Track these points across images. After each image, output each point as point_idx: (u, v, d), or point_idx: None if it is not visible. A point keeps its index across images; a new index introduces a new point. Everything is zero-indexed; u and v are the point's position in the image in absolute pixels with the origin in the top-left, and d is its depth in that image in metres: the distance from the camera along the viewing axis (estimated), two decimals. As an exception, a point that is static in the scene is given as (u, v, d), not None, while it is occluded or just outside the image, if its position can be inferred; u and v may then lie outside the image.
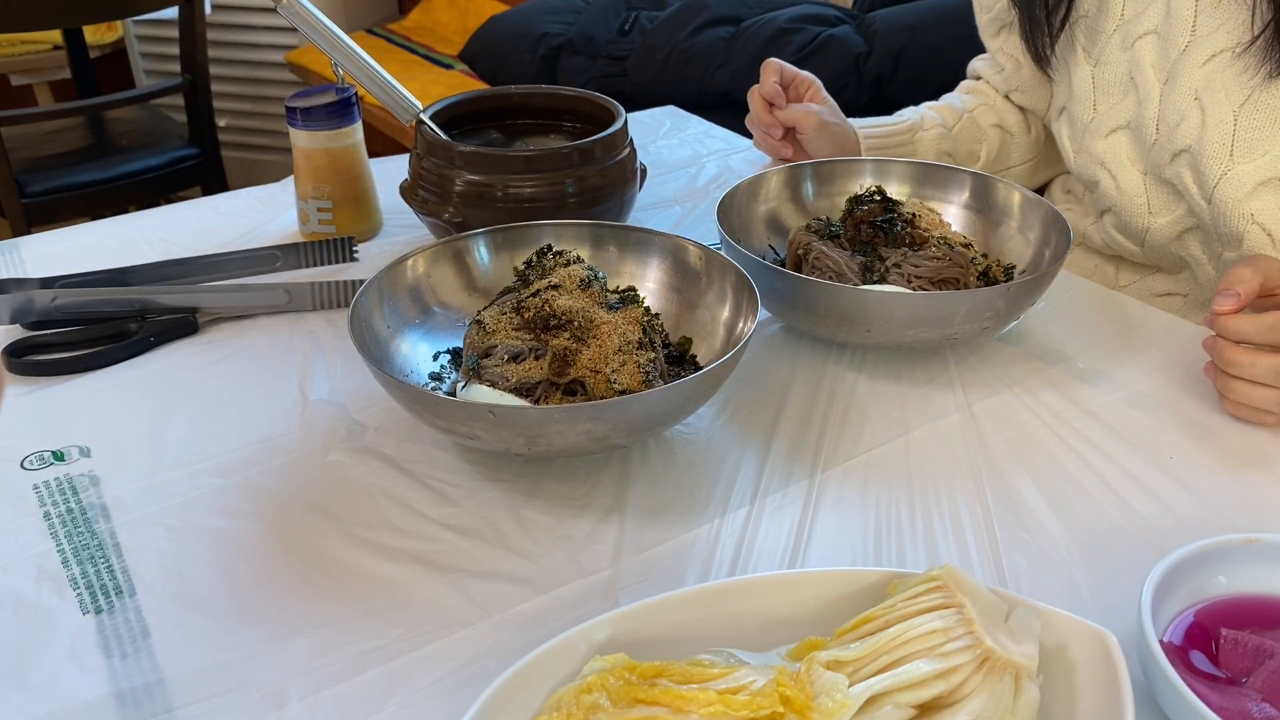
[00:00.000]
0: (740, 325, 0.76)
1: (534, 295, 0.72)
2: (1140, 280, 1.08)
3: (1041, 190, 1.22)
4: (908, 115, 1.18)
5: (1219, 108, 0.90)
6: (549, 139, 1.04)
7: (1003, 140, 1.19)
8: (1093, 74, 1.01)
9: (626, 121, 0.97)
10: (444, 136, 0.94)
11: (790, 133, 1.13)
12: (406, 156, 1.00)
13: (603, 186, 0.94)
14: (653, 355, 0.71)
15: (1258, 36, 0.87)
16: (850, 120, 1.15)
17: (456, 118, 1.02)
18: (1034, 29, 1.06)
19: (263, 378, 0.83)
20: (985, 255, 0.89)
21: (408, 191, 0.97)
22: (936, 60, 1.99)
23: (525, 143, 1.04)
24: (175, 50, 2.24)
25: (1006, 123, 1.19)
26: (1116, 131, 1.00)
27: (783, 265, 0.91)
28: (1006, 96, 1.20)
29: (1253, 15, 0.87)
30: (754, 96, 1.14)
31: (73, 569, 0.64)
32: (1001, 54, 1.17)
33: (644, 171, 1.02)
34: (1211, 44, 0.90)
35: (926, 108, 1.20)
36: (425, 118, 0.96)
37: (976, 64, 1.24)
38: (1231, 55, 0.89)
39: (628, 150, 0.97)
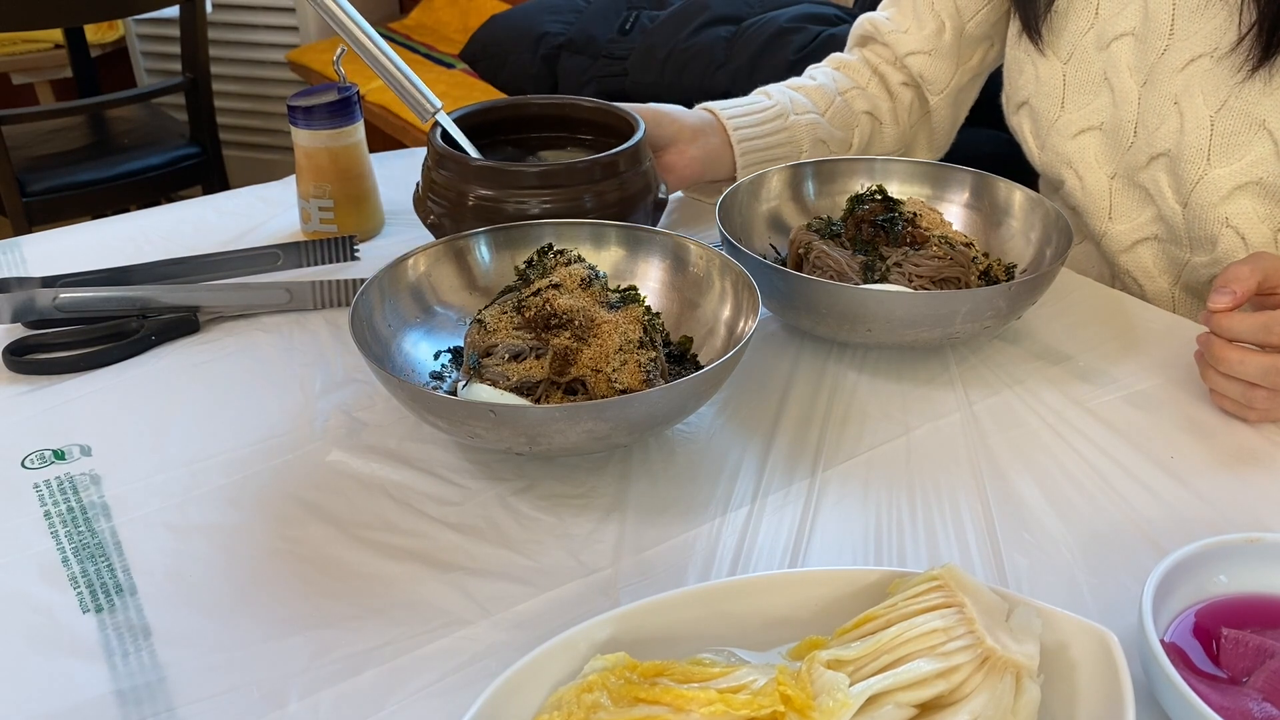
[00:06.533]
0: (741, 324, 0.76)
1: (535, 294, 0.72)
2: None
3: (1037, 186, 1.21)
4: (775, 97, 1.08)
5: (1197, 112, 0.90)
6: (565, 152, 1.01)
7: (872, 129, 1.13)
8: (1064, 71, 0.99)
9: (645, 135, 0.93)
10: (455, 152, 0.90)
11: None
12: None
13: (621, 202, 0.90)
14: (654, 354, 0.71)
15: (1243, 37, 0.86)
16: (709, 104, 1.07)
17: (470, 128, 0.96)
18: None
19: (264, 376, 0.83)
20: (986, 254, 0.89)
21: (418, 203, 0.94)
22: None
23: (538, 156, 1.01)
24: (176, 49, 2.24)
25: (878, 110, 1.13)
26: (1087, 132, 0.99)
27: (784, 264, 0.91)
28: (902, 63, 1.12)
29: (1240, 17, 0.87)
30: None
31: (73, 568, 0.64)
32: (930, 10, 1.09)
33: (662, 204, 0.96)
34: (1190, 48, 0.90)
35: (790, 89, 1.11)
36: (442, 121, 0.93)
37: (877, 21, 1.14)
38: (1210, 59, 0.89)
39: (647, 164, 0.93)
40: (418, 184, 0.94)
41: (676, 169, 1.02)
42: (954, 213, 0.96)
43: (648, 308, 0.74)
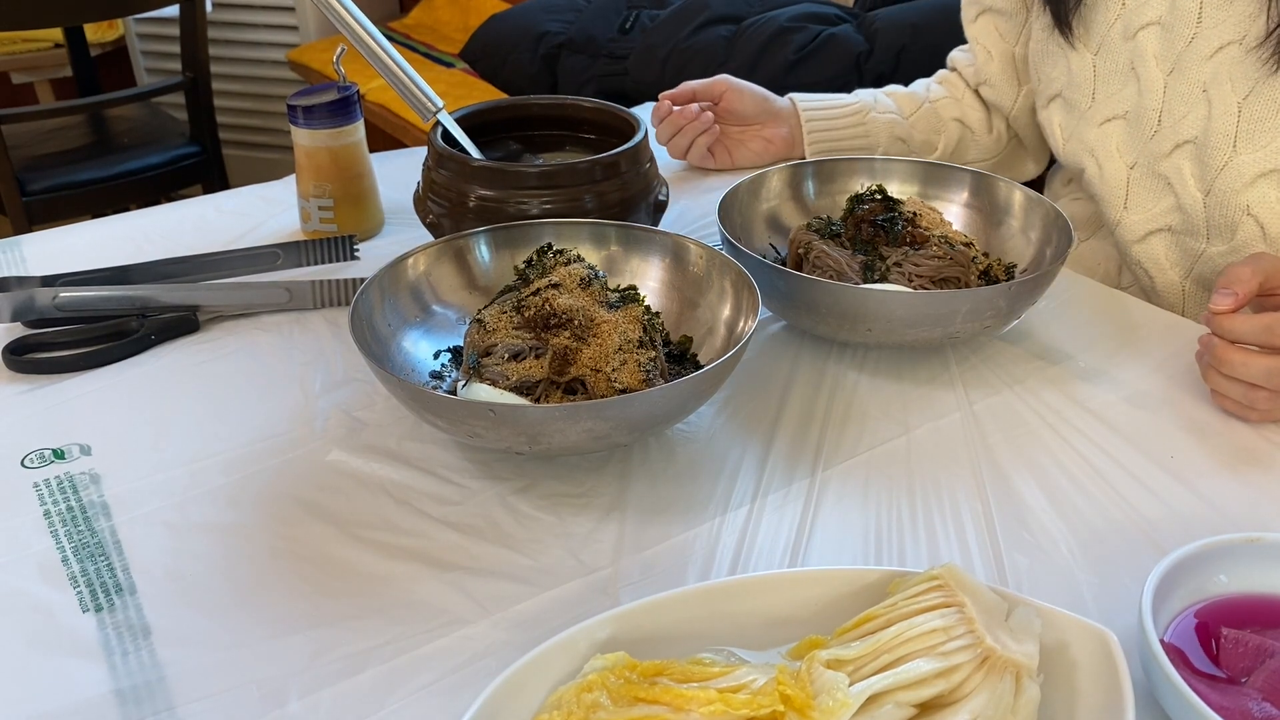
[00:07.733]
0: (741, 324, 0.76)
1: (534, 294, 0.72)
2: None
3: (1040, 185, 1.22)
4: (860, 96, 1.17)
5: (1224, 99, 0.90)
6: (565, 152, 1.01)
7: (961, 135, 1.19)
8: (1094, 63, 1.00)
9: (647, 135, 0.93)
10: (455, 152, 0.89)
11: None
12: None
13: (622, 202, 0.89)
14: (653, 354, 0.71)
15: (1271, 32, 0.87)
16: (792, 94, 1.17)
17: (471, 128, 0.95)
18: None
19: (263, 376, 0.83)
20: (986, 254, 0.89)
21: (418, 203, 0.93)
22: (938, 59, 1.98)
23: (538, 157, 1.00)
24: (176, 48, 2.24)
25: (968, 119, 1.19)
26: (1111, 121, 1.00)
27: (783, 264, 0.91)
28: (976, 90, 1.19)
29: (1268, 10, 0.87)
30: (658, 108, 1.16)
31: (73, 567, 0.64)
32: (976, 43, 1.17)
33: (663, 205, 0.96)
34: (1218, 36, 0.91)
35: (882, 93, 1.19)
36: (444, 120, 0.92)
37: (955, 54, 1.23)
38: (1239, 47, 0.90)
39: (648, 165, 0.93)
40: (418, 184, 0.94)
41: (752, 148, 1.17)
42: (954, 212, 0.96)
43: (647, 307, 0.74)
